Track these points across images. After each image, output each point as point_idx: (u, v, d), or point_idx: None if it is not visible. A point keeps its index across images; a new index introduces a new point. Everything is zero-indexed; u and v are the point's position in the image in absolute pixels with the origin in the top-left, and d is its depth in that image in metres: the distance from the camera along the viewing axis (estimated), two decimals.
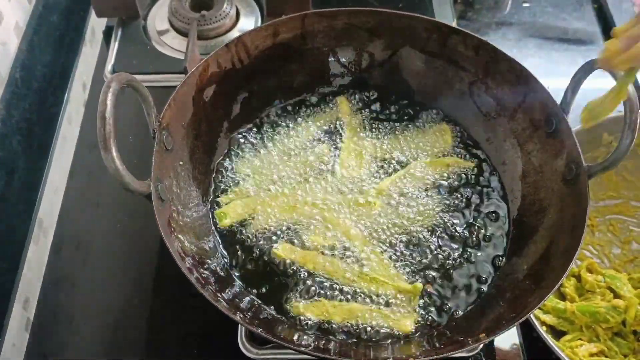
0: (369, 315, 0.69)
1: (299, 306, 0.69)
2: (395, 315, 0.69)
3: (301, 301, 0.69)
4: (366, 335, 0.68)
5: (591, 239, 0.87)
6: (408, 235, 0.75)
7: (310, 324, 0.68)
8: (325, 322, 0.68)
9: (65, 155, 0.92)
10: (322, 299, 0.69)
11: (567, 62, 1.07)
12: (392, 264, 0.72)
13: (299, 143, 0.83)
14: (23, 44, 0.91)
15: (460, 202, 0.78)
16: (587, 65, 0.68)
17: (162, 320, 0.78)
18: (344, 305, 0.69)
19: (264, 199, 0.77)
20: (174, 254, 0.61)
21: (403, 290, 0.70)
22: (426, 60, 0.84)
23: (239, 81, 0.82)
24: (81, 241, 0.84)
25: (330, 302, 0.69)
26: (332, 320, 0.68)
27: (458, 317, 0.69)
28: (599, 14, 1.14)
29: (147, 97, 0.63)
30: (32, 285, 0.82)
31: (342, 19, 0.82)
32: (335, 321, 0.68)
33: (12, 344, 0.77)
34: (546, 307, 0.78)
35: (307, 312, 0.68)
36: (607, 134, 0.84)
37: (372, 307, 0.69)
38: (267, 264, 0.72)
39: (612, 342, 0.75)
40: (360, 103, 0.87)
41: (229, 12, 1.02)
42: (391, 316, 0.69)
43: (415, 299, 0.70)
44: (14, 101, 0.87)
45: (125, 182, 0.58)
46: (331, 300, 0.69)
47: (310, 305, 0.69)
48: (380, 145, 0.83)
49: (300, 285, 0.71)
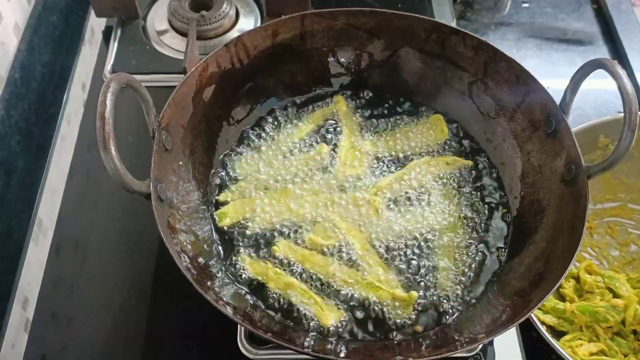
0: (303, 294, 0.69)
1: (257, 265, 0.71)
2: (325, 306, 0.69)
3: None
4: (297, 314, 0.68)
5: (590, 242, 0.87)
6: (407, 237, 0.75)
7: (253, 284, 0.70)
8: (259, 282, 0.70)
9: (65, 156, 0.92)
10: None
11: (567, 62, 1.07)
12: (389, 268, 0.72)
13: (298, 142, 0.83)
14: (22, 44, 0.91)
15: (459, 202, 0.78)
16: (587, 66, 0.68)
17: (161, 320, 0.78)
18: (283, 278, 0.70)
19: (264, 198, 0.77)
20: (174, 254, 0.61)
21: (398, 298, 0.69)
22: (425, 61, 0.84)
23: (238, 81, 0.82)
24: (80, 241, 0.84)
25: (273, 269, 0.71)
26: (269, 285, 0.70)
27: (458, 317, 0.69)
28: (598, 15, 1.14)
29: (147, 97, 0.63)
30: (31, 285, 0.82)
31: (341, 19, 0.82)
32: (271, 287, 0.70)
33: (11, 344, 0.77)
34: (546, 308, 0.78)
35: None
36: (604, 137, 0.85)
37: (305, 288, 0.70)
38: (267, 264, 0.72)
39: (612, 342, 0.75)
40: (359, 103, 0.87)
41: (229, 13, 1.02)
42: (320, 304, 0.69)
43: (409, 307, 0.69)
44: (13, 101, 0.87)
45: (124, 182, 0.58)
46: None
47: (254, 262, 0.72)
48: (379, 143, 0.83)
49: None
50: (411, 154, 0.82)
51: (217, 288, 0.66)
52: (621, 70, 0.64)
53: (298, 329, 0.68)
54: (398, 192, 0.78)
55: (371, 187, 0.78)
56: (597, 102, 1.01)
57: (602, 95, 1.00)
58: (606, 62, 0.65)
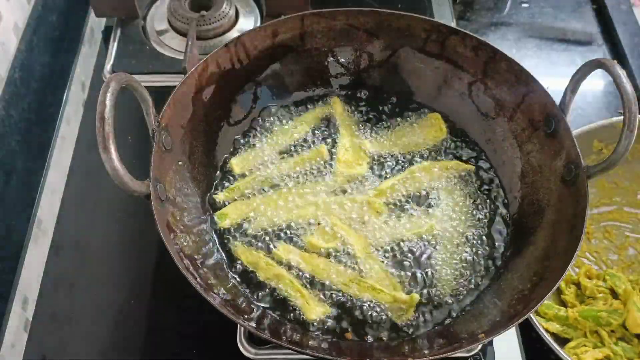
0: (290, 286, 0.70)
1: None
2: (311, 300, 0.69)
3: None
4: (281, 301, 0.69)
5: (588, 247, 0.87)
6: (407, 239, 0.74)
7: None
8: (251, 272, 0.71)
9: (64, 156, 0.92)
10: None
11: (566, 62, 1.07)
12: (389, 271, 0.72)
13: (298, 143, 0.83)
14: (22, 44, 0.91)
15: (460, 204, 0.78)
16: (586, 66, 0.68)
17: (160, 320, 0.78)
18: (274, 268, 0.70)
19: (264, 199, 0.77)
20: (173, 255, 0.61)
21: (399, 300, 0.69)
22: (425, 61, 0.84)
23: (238, 81, 0.82)
24: (80, 241, 0.84)
25: (265, 259, 0.71)
26: (259, 274, 0.71)
27: (457, 317, 0.69)
28: (598, 15, 1.14)
29: (146, 97, 0.63)
30: (31, 285, 0.82)
31: (341, 19, 0.82)
32: (261, 277, 0.70)
33: (11, 344, 0.77)
34: (549, 315, 0.77)
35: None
36: (598, 141, 0.85)
37: (293, 279, 0.70)
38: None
39: (617, 347, 0.75)
40: (359, 103, 0.87)
41: (228, 12, 1.02)
42: (306, 296, 0.69)
43: (410, 310, 0.69)
44: (13, 101, 0.87)
45: (124, 182, 0.58)
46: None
47: (247, 251, 0.72)
48: (378, 143, 0.83)
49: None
50: (411, 153, 0.82)
51: (217, 288, 0.66)
52: (621, 71, 0.64)
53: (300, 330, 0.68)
54: (399, 195, 0.78)
55: (372, 190, 0.78)
56: (597, 102, 1.01)
57: (602, 95, 1.00)
58: (606, 62, 0.65)
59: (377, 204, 0.76)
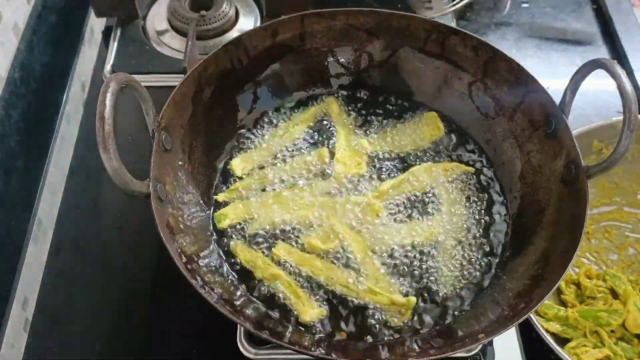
0: (286, 287, 0.70)
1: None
2: (306, 301, 0.69)
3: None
4: (281, 302, 0.69)
5: (588, 247, 0.87)
6: (407, 241, 0.74)
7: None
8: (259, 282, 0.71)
9: (64, 156, 0.92)
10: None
11: (566, 62, 1.07)
12: (387, 273, 0.72)
13: (298, 143, 0.83)
14: (22, 44, 0.91)
15: (460, 204, 0.78)
16: (586, 66, 0.68)
17: (160, 320, 0.78)
18: (271, 268, 0.71)
19: (263, 200, 0.77)
20: (173, 254, 0.61)
21: (397, 303, 0.69)
22: (425, 61, 0.84)
23: (238, 81, 0.82)
24: (80, 241, 0.84)
25: (263, 258, 0.72)
26: (256, 273, 0.71)
27: (457, 317, 0.69)
28: (598, 15, 1.14)
29: (146, 97, 0.63)
30: (30, 285, 0.82)
31: (341, 19, 0.82)
32: (257, 276, 0.71)
33: (10, 344, 0.77)
34: (549, 316, 0.77)
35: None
36: (598, 141, 0.85)
37: (289, 280, 0.70)
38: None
39: (617, 347, 0.75)
40: (358, 103, 0.87)
41: (228, 12, 1.02)
42: (302, 298, 0.69)
43: (407, 312, 0.69)
44: (13, 101, 0.87)
45: (124, 182, 0.57)
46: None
47: (245, 250, 0.73)
48: (376, 143, 0.83)
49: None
50: (409, 151, 0.82)
51: (217, 288, 0.66)
52: (621, 70, 0.64)
53: (300, 330, 0.68)
54: (398, 197, 0.78)
55: (371, 191, 0.78)
56: (597, 103, 1.01)
57: (602, 95, 1.00)
58: (606, 62, 0.65)
59: (377, 206, 0.76)
